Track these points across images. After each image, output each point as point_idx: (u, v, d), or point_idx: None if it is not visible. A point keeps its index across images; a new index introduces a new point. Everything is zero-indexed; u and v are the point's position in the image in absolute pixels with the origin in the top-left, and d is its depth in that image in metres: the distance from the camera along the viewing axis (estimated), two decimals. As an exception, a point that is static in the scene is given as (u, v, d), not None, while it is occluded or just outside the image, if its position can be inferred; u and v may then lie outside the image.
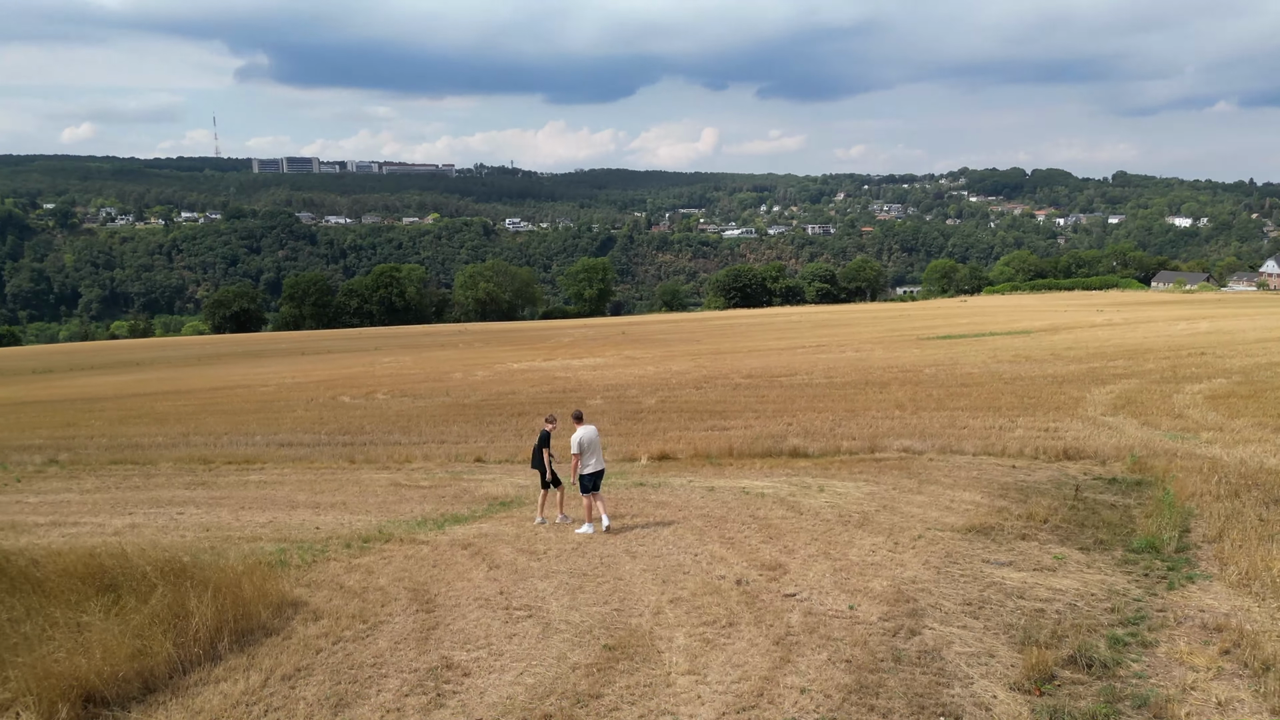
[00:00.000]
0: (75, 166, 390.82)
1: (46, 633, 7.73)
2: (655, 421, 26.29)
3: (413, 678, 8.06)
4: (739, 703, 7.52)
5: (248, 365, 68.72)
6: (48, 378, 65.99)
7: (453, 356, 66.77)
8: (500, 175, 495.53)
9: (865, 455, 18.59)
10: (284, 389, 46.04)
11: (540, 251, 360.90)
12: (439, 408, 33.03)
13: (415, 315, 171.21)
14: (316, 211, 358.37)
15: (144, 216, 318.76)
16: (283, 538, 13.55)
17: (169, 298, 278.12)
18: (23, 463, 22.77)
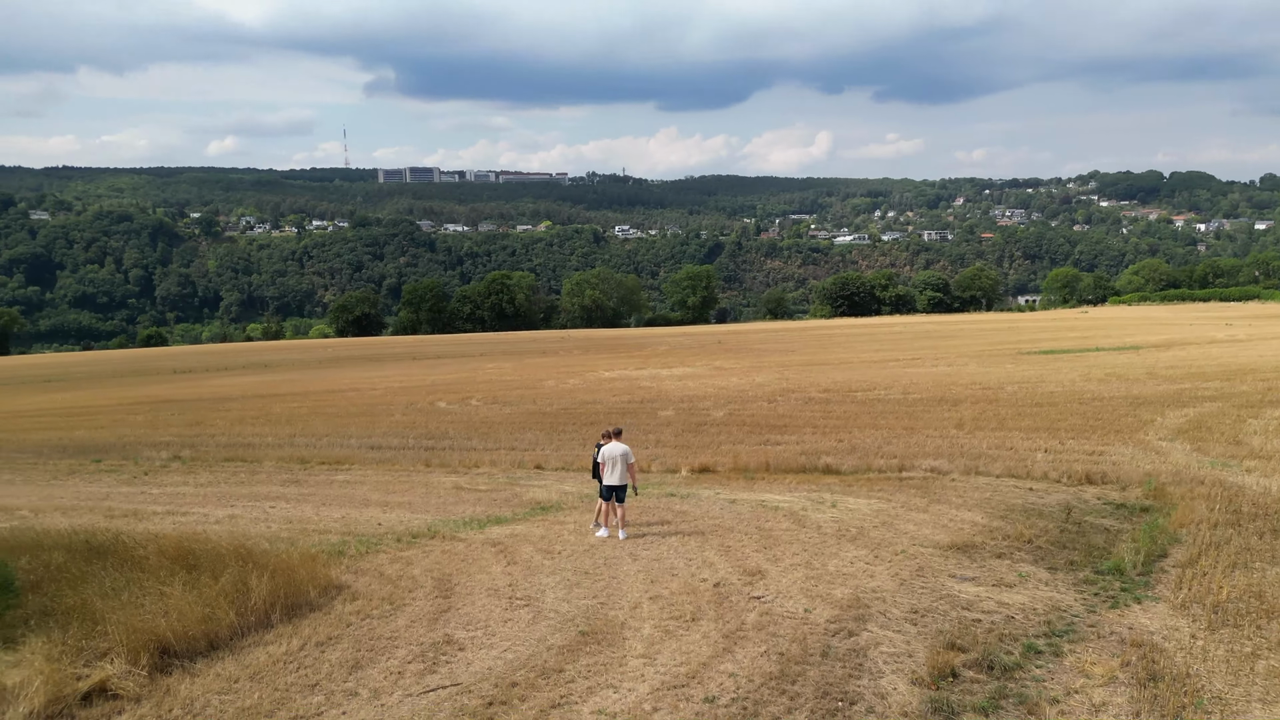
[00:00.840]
0: (219, 178, 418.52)
1: (139, 599, 9.94)
2: (714, 435, 27.66)
3: (417, 649, 9.91)
4: (673, 681, 9.04)
5: (363, 369, 73.23)
6: (186, 378, 72.15)
7: (551, 363, 69.33)
8: (611, 183, 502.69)
9: (892, 474, 19.58)
10: (390, 393, 49.30)
11: (648, 258, 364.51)
12: (521, 415, 35.24)
13: (524, 321, 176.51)
14: (436, 219, 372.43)
15: (279, 225, 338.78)
16: (348, 531, 15.75)
17: (300, 301, 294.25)
18: (151, 458, 26.13)
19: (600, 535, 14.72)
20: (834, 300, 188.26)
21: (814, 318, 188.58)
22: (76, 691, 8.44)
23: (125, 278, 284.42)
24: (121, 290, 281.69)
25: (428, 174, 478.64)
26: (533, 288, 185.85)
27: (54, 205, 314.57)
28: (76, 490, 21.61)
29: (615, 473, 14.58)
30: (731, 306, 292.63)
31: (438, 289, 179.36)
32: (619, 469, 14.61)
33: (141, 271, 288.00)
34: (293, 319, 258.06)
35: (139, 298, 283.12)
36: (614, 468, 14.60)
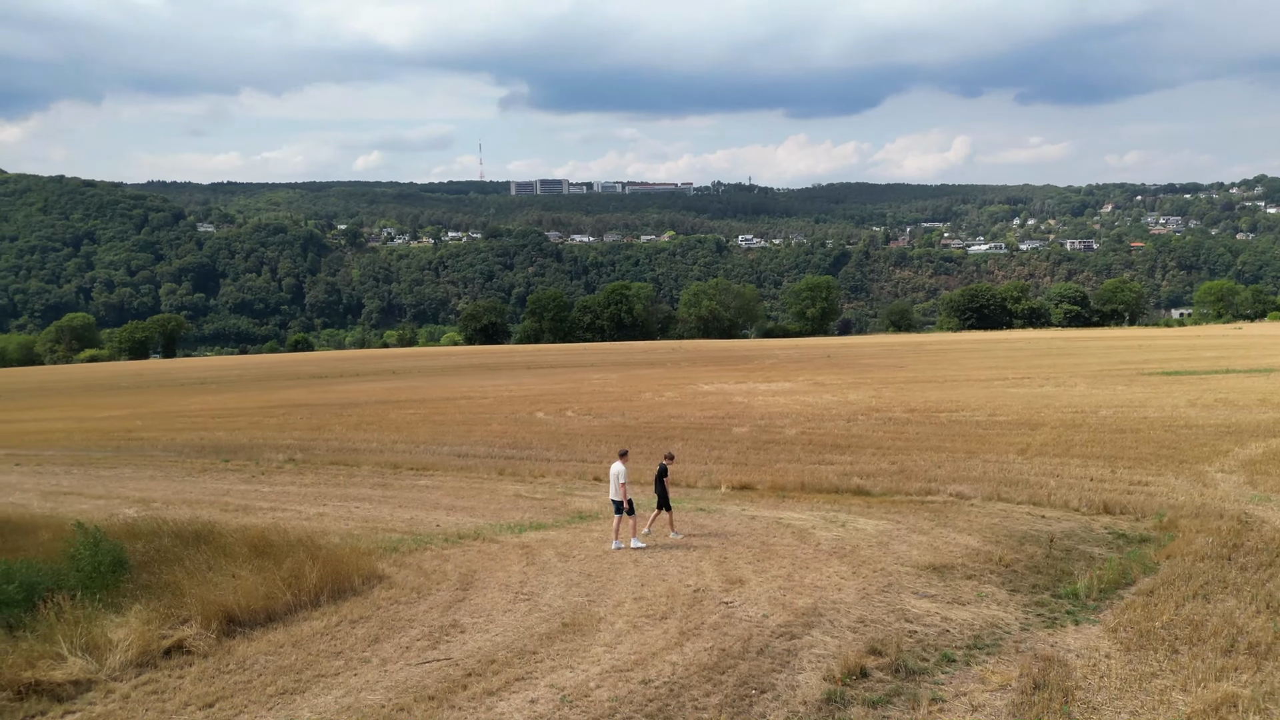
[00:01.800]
0: (364, 191, 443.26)
1: (216, 579, 12.56)
2: (774, 453, 29.02)
3: (427, 629, 12.14)
4: (622, 666, 10.89)
5: (480, 378, 77.46)
6: (321, 383, 78.26)
7: (655, 376, 71.45)
8: (736, 192, 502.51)
9: (917, 498, 20.65)
10: (498, 402, 52.55)
11: (771, 268, 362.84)
12: (606, 427, 37.46)
13: (641, 331, 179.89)
14: (563, 230, 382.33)
15: (417, 235, 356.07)
16: (410, 531, 18.26)
17: (435, 309, 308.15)
18: (270, 459, 29.74)
19: (634, 546, 16.49)
20: (961, 313, 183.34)
21: (939, 331, 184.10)
22: (160, 647, 11.05)
23: (279, 286, 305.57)
24: (275, 297, 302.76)
25: (557, 186, 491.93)
26: (651, 298, 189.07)
27: (218, 218, 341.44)
28: (203, 486, 25.19)
29: (614, 489, 16.48)
30: (856, 318, 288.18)
31: (559, 299, 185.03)
32: (613, 486, 16.53)
33: (293, 280, 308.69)
34: (428, 326, 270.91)
35: (290, 304, 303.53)
36: (614, 485, 16.50)
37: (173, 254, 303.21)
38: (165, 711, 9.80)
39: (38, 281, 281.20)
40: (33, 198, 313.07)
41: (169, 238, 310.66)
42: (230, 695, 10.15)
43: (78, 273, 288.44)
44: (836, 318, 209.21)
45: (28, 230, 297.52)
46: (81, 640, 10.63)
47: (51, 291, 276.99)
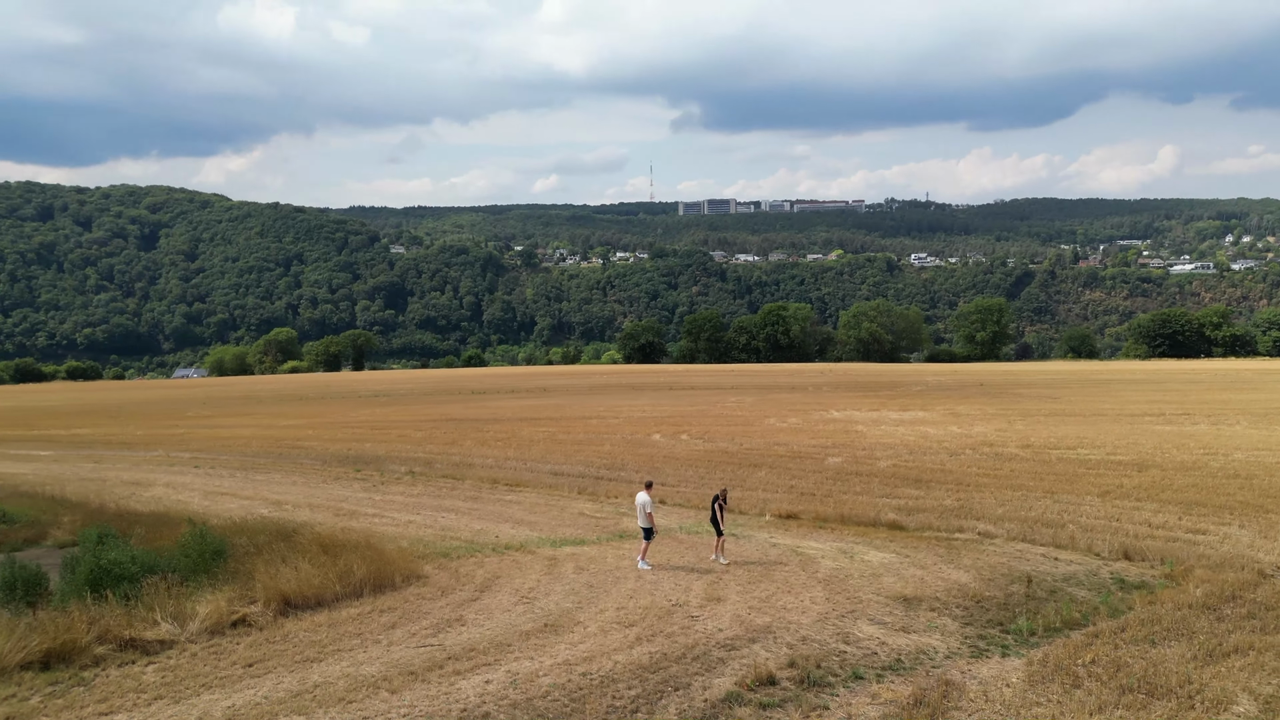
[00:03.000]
0: (540, 214, 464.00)
1: (282, 569, 15.79)
2: (851, 484, 30.01)
3: (435, 622, 14.82)
4: (574, 660, 13.11)
5: (620, 398, 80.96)
6: (478, 399, 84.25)
7: (789, 401, 72.37)
8: (910, 209, 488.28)
9: (943, 534, 21.56)
10: (626, 423, 55.42)
11: (946, 288, 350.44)
12: (706, 453, 39.44)
13: (798, 353, 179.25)
14: (728, 250, 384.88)
15: (587, 256, 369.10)
16: (471, 540, 21.17)
17: (601, 327, 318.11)
18: (394, 470, 33.82)
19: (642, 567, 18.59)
20: (1151, 339, 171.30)
21: (1126, 358, 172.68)
22: (229, 620, 14.30)
23: (460, 303, 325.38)
24: (456, 314, 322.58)
25: (724, 205, 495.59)
26: (809, 319, 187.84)
27: (409, 240, 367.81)
28: (329, 492, 29.34)
29: (641, 516, 18.53)
30: (1038, 342, 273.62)
31: (715, 319, 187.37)
32: (640, 514, 18.52)
33: (473, 298, 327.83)
34: (594, 343, 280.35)
35: (470, 321, 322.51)
36: (640, 512, 18.55)
37: (368, 273, 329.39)
38: (219, 666, 12.94)
39: (254, 298, 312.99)
40: (252, 222, 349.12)
41: (365, 258, 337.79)
42: (267, 659, 13.19)
43: (287, 290, 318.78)
44: (1009, 342, 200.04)
45: (247, 252, 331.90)
46: (171, 610, 14.01)
47: (265, 307, 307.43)
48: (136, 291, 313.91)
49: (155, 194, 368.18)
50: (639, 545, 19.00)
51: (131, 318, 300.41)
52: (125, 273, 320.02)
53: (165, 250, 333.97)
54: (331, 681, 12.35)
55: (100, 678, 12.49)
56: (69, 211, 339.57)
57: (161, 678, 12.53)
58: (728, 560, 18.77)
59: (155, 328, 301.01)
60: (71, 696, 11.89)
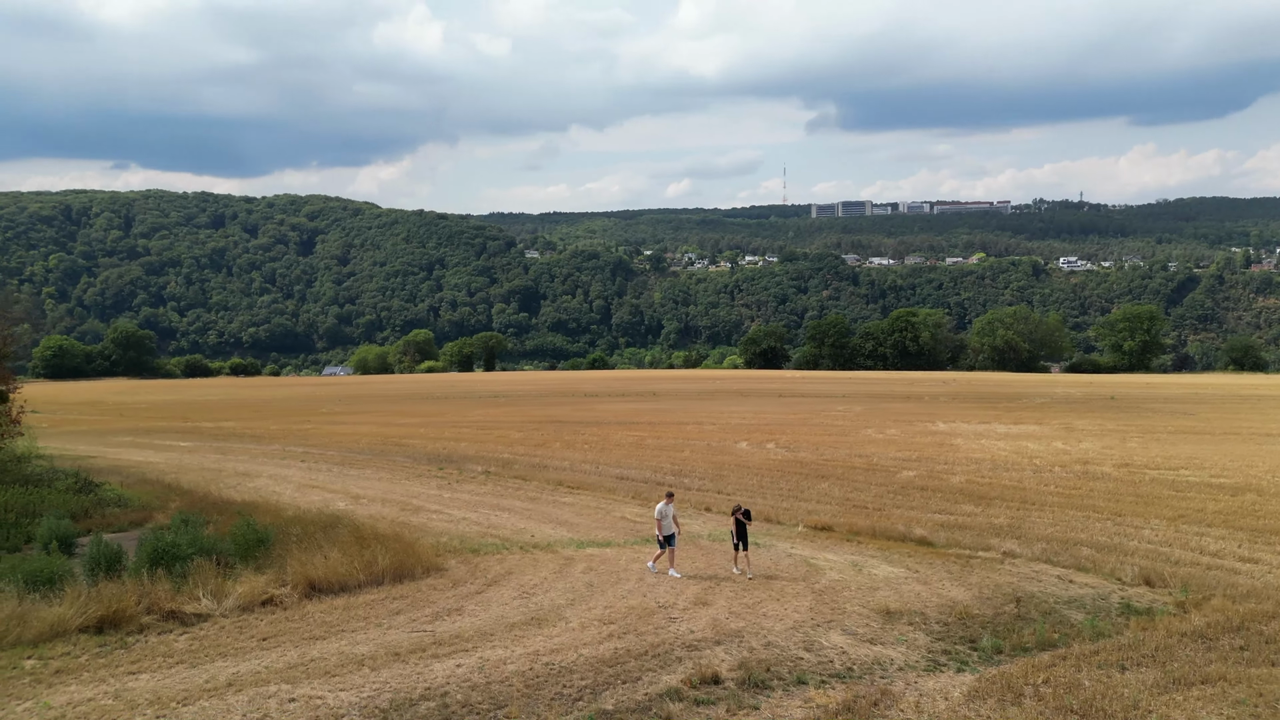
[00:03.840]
0: (670, 218, 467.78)
1: (313, 557, 17.69)
2: (910, 499, 29.88)
3: (437, 610, 16.33)
4: (542, 651, 14.31)
5: (725, 403, 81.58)
6: (588, 401, 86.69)
7: (897, 411, 71.14)
8: (1061, 210, 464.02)
9: (967, 552, 21.50)
10: (718, 429, 56.15)
11: (1097, 294, 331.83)
12: (782, 463, 39.78)
13: (928, 360, 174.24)
14: (862, 253, 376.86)
15: (716, 260, 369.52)
16: (505, 538, 22.69)
17: (729, 331, 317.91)
18: (471, 470, 35.94)
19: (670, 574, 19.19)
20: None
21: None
22: (259, 599, 16.27)
23: (590, 307, 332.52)
24: (586, 317, 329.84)
25: (859, 208, 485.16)
26: (940, 325, 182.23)
27: (543, 245, 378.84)
28: (405, 488, 31.64)
29: (662, 526, 19.30)
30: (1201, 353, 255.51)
31: (840, 324, 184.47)
32: (666, 519, 19.33)
33: (602, 302, 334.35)
34: (720, 347, 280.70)
35: (599, 324, 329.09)
36: (663, 521, 19.31)
37: (504, 277, 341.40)
38: (239, 639, 14.86)
39: (399, 300, 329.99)
40: (399, 229, 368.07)
41: (502, 263, 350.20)
42: (280, 634, 15.02)
43: (429, 293, 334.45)
44: (1164, 352, 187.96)
45: (394, 257, 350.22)
46: (211, 588, 16.09)
47: (408, 309, 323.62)
48: (295, 294, 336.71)
49: (313, 203, 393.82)
50: (652, 553, 19.92)
51: (290, 318, 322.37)
52: (286, 276, 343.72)
53: (321, 255, 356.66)
54: (326, 657, 14.01)
55: (140, 643, 14.61)
56: (238, 220, 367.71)
57: (189, 645, 14.54)
58: (753, 574, 19.02)
59: (311, 327, 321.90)
60: (112, 657, 14.02)
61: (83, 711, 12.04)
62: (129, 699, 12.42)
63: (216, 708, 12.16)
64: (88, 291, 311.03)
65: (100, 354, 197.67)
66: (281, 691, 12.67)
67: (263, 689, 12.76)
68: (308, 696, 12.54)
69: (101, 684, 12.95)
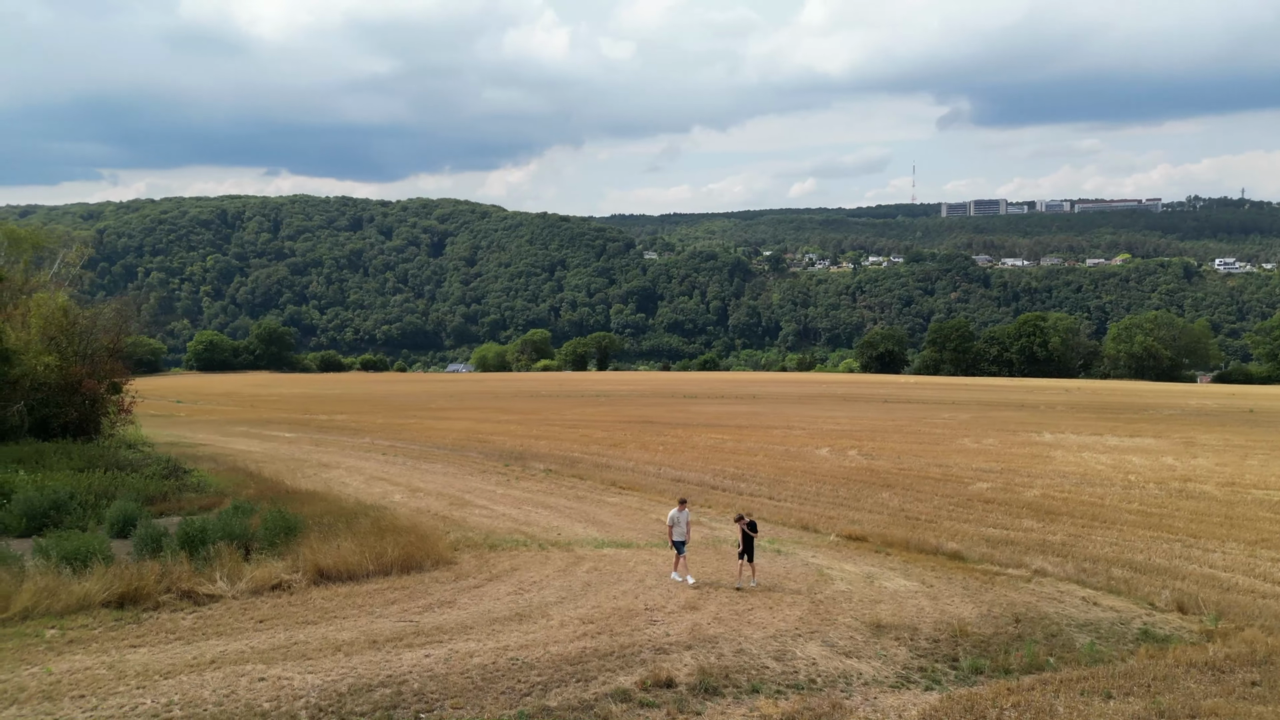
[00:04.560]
0: (791, 218, 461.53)
1: (327, 545, 18.63)
2: (971, 511, 28.66)
3: (430, 601, 16.93)
4: (512, 646, 14.66)
5: (825, 408, 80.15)
6: (684, 403, 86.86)
7: (1006, 419, 68.26)
8: (1218, 207, 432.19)
9: (995, 568, 20.57)
10: (805, 434, 55.26)
11: (1258, 298, 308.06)
12: (849, 470, 38.84)
13: (1057, 367, 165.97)
14: (994, 254, 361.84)
15: (838, 260, 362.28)
16: (529, 534, 23.18)
17: (849, 334, 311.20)
18: (534, 467, 36.75)
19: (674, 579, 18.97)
20: None
21: None
22: (270, 583, 17.30)
23: (706, 308, 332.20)
24: (703, 318, 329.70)
25: (993, 206, 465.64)
26: (1072, 330, 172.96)
27: (661, 246, 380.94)
28: (466, 483, 32.68)
29: (674, 532, 19.04)
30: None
31: (963, 328, 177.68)
32: (679, 526, 19.09)
33: (719, 303, 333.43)
34: (840, 350, 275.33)
35: (715, 325, 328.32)
36: (679, 527, 19.11)
37: (622, 278, 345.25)
38: (239, 619, 15.86)
39: (521, 300, 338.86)
40: (523, 231, 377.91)
41: (620, 264, 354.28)
42: (278, 617, 15.95)
43: (550, 294, 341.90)
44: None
45: (518, 258, 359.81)
46: (229, 571, 17.23)
47: (530, 309, 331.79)
48: (425, 293, 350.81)
49: (444, 206, 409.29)
50: (669, 557, 19.85)
51: (420, 317, 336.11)
52: (417, 276, 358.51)
53: (450, 256, 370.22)
54: (309, 641, 14.81)
55: (151, 619, 15.82)
56: (374, 223, 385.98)
57: (193, 624, 15.64)
58: (756, 583, 18.73)
59: (439, 326, 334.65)
60: (123, 630, 15.24)
61: (78, 678, 13.17)
62: (120, 669, 13.50)
63: (192, 682, 13.08)
64: (240, 290, 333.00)
65: (246, 349, 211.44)
66: (255, 671, 13.49)
67: (240, 668, 13.62)
68: (277, 677, 13.31)
69: (104, 654, 14.12)
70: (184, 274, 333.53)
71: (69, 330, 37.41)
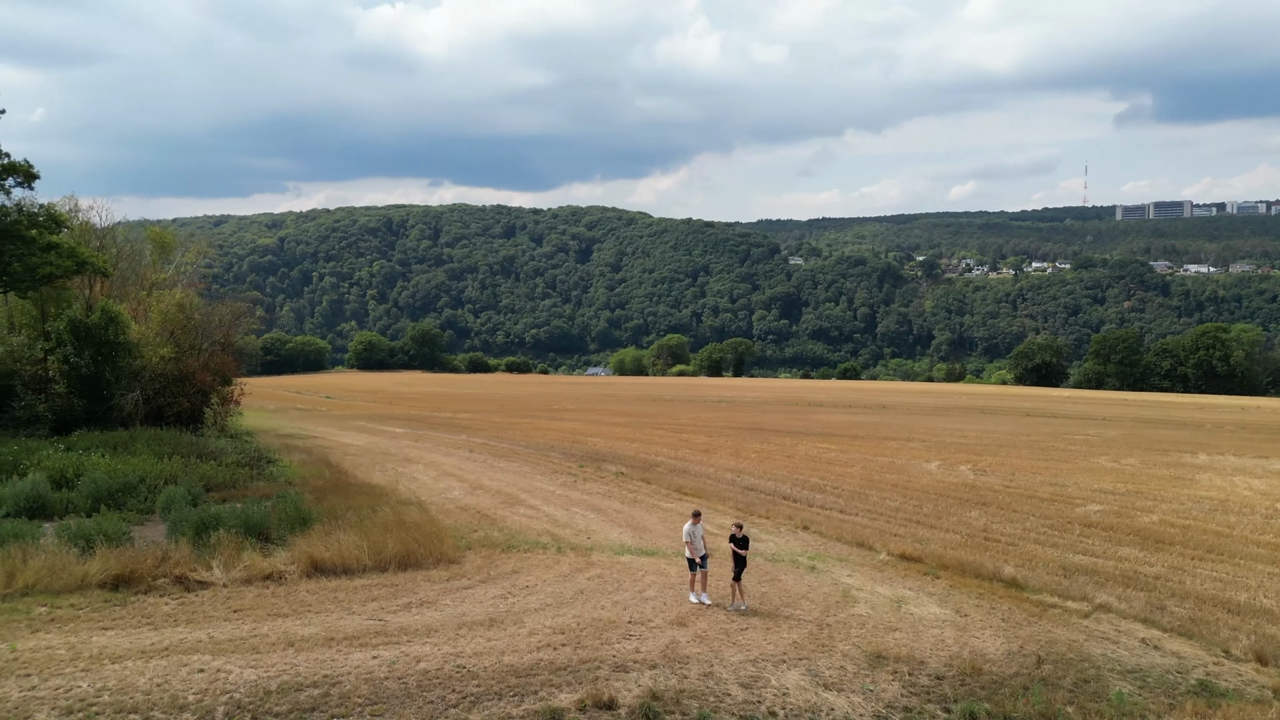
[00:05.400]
0: (948, 222, 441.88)
1: (328, 539, 18.48)
2: (1060, 535, 25.89)
3: (410, 601, 16.41)
4: (464, 653, 13.89)
5: (953, 421, 75.66)
6: (807, 410, 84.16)
7: (1159, 439, 62.31)
8: None
9: (1055, 599, 18.09)
10: (916, 448, 52.00)
11: None
12: (947, 487, 35.94)
13: (1241, 384, 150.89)
14: (1175, 259, 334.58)
15: (997, 266, 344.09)
16: (557, 537, 22.32)
17: (1009, 344, 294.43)
18: (608, 469, 35.94)
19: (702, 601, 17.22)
20: None
21: None
22: (265, 572, 17.27)
23: (854, 315, 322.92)
24: (849, 325, 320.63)
25: (1176, 209, 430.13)
26: (1257, 344, 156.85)
27: (807, 252, 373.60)
28: (530, 482, 32.26)
29: (692, 547, 17.31)
30: None
31: (1130, 339, 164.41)
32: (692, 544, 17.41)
33: (867, 310, 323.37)
34: (997, 362, 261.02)
35: (863, 333, 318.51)
36: (691, 543, 17.39)
37: (766, 284, 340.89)
38: (214, 608, 15.85)
39: (664, 306, 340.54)
40: (668, 237, 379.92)
41: (764, 270, 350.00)
42: (253, 608, 15.83)
43: (693, 299, 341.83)
44: None
45: (661, 264, 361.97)
46: (222, 560, 17.34)
47: (673, 314, 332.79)
48: (572, 298, 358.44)
49: (592, 213, 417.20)
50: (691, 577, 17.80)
51: (567, 321, 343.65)
52: (565, 282, 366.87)
53: (596, 263, 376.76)
54: (269, 634, 14.56)
55: (138, 603, 16.04)
56: (526, 230, 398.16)
57: (171, 610, 15.74)
58: (745, 606, 16.86)
59: (584, 330, 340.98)
60: (106, 612, 15.50)
61: (35, 657, 13.38)
62: (78, 651, 13.64)
63: (134, 669, 13.02)
64: (401, 294, 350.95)
65: (401, 349, 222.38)
66: (199, 662, 13.31)
67: (188, 657, 13.49)
68: (217, 670, 13.07)
69: (73, 635, 14.34)
70: (353, 278, 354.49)
71: (185, 325, 39.73)
